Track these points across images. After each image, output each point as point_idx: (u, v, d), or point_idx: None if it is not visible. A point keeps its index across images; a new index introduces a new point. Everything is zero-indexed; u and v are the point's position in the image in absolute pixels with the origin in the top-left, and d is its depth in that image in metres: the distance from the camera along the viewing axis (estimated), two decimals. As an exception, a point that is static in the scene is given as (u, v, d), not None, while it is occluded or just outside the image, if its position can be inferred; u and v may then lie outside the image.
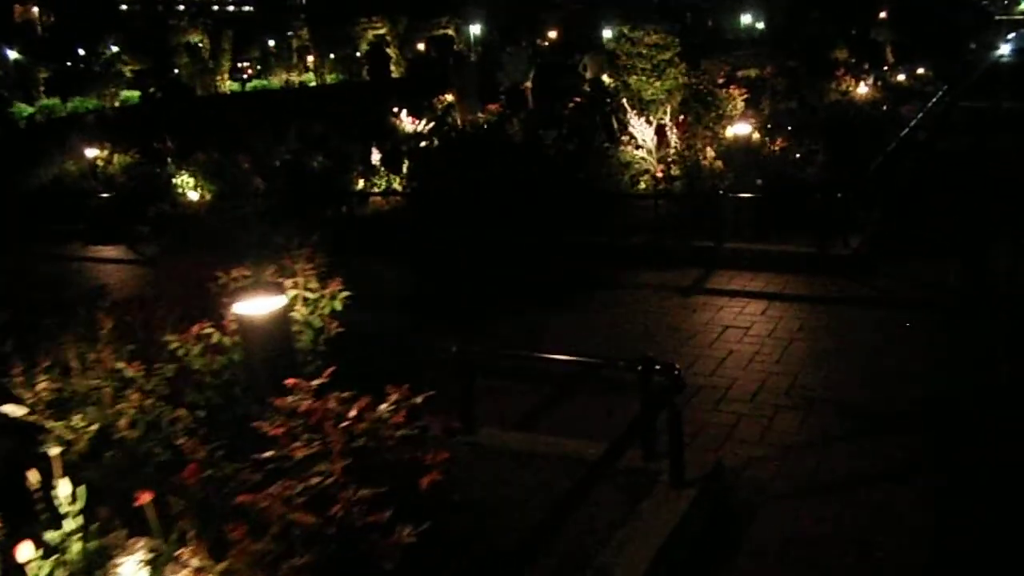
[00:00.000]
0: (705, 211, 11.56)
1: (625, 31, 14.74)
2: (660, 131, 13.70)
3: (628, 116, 13.78)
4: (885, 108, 26.18)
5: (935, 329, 8.28)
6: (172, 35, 43.16)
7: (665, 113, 13.99)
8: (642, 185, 12.94)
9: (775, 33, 62.94)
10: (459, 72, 33.21)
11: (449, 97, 30.80)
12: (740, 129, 12.31)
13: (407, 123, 25.46)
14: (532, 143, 14.15)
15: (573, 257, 11.64)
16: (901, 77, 35.60)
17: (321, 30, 49.38)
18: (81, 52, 46.82)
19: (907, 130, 21.76)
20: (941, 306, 8.97)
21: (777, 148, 12.75)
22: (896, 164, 16.66)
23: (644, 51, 14.41)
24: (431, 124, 25.23)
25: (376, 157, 16.73)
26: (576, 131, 14.32)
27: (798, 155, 13.38)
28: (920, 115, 25.98)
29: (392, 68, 49.65)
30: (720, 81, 20.03)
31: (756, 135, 12.87)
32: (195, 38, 43.07)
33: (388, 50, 49.56)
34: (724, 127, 13.23)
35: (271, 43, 56.25)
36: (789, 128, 16.00)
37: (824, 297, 9.44)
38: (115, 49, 52.30)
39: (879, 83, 29.94)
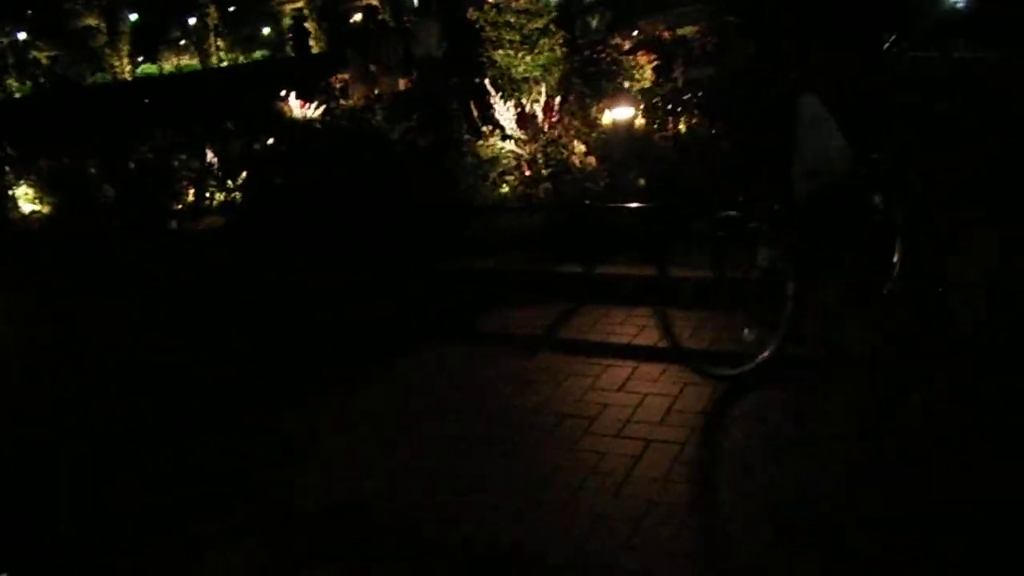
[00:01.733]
0: (573, 225, 8.98)
1: (488, -6, 11.99)
2: (530, 117, 11.06)
3: (492, 99, 11.14)
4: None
5: (875, 410, 5.75)
6: (69, 19, 39.75)
7: (539, 94, 11.30)
8: (504, 188, 10.30)
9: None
10: (381, 45, 30.38)
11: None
12: (620, 113, 9.67)
13: (296, 108, 22.71)
14: (378, 138, 11.45)
15: (407, 292, 9.04)
16: (847, 28, 33.27)
17: (234, 6, 46.02)
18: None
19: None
20: (882, 361, 6.40)
21: (675, 132, 10.14)
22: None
23: (512, 19, 11.67)
24: (322, 108, 22.59)
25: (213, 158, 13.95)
26: (433, 119, 11.63)
27: (712, 133, 10.85)
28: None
29: (312, 44, 46.34)
30: (626, 47, 17.39)
31: (640, 120, 10.20)
32: (92, 21, 39.64)
33: (306, 24, 46.24)
34: (602, 111, 10.58)
35: (192, 21, 52.73)
36: (688, 99, 13.46)
37: (709, 352, 6.87)
38: (22, 36, 48.58)
39: (820, 37, 27.60)
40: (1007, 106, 9.08)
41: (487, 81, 11.34)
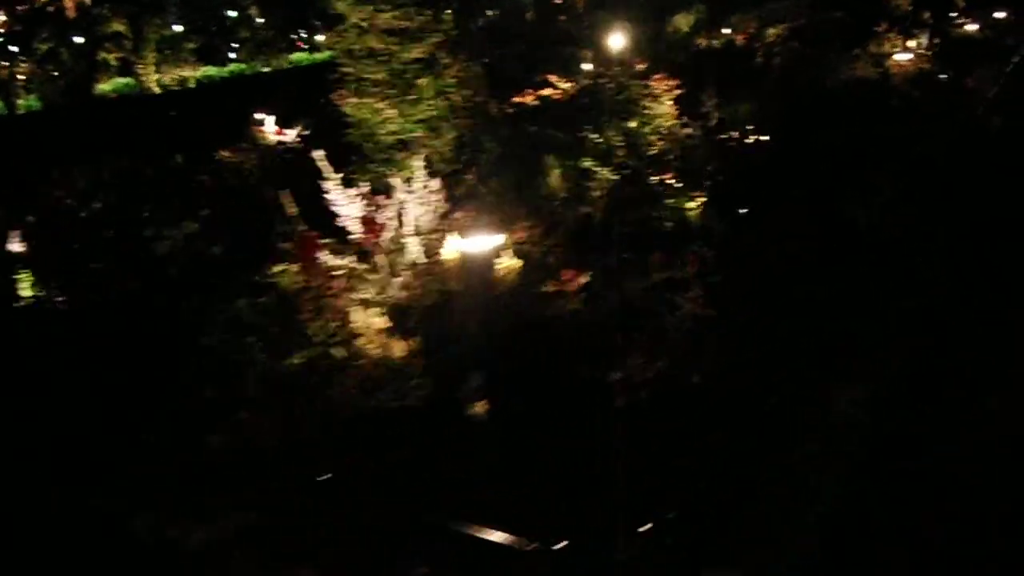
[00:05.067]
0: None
1: (345, 4, 7.26)
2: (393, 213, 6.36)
3: (329, 182, 6.59)
4: (943, 77, 18.14)
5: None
6: (97, 24, 36.48)
7: (412, 172, 6.56)
8: (305, 353, 5.61)
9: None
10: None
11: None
12: (472, 243, 4.91)
13: (273, 134, 18.47)
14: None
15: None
16: (973, 27, 26.92)
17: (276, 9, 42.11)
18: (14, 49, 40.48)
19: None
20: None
21: (577, 287, 5.28)
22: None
23: (377, 43, 6.99)
24: (305, 133, 18.43)
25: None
26: (226, 220, 7.10)
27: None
28: (995, 89, 17.88)
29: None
30: (639, 67, 12.45)
31: (515, 260, 5.32)
32: (119, 27, 36.15)
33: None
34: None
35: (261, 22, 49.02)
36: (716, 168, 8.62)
37: None
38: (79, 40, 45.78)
39: (935, 41, 21.59)
40: None
41: (318, 153, 6.71)
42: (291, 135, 18.01)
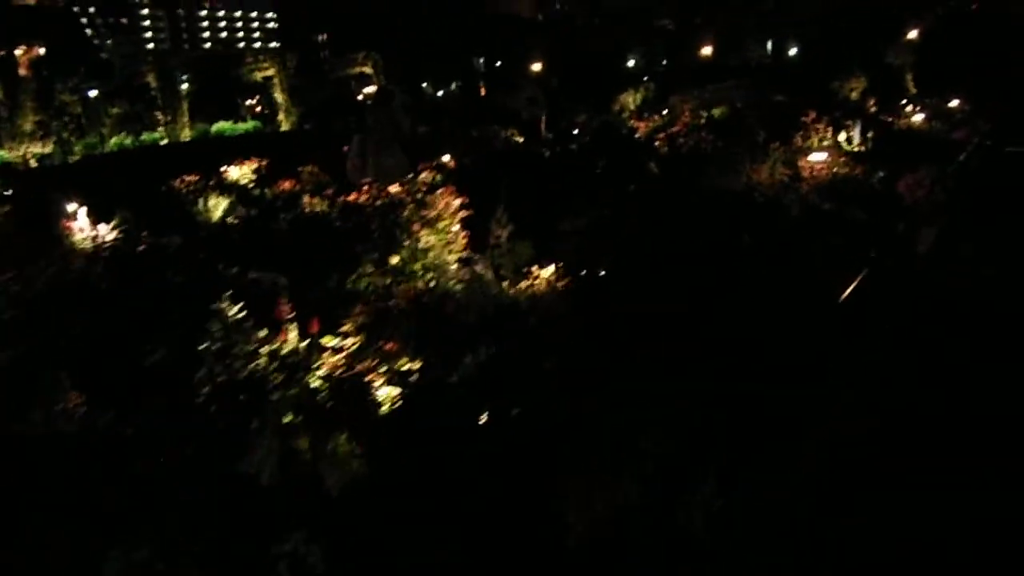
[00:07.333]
0: None
1: None
2: None
3: None
4: (873, 182, 15.10)
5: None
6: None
7: None
8: None
9: (777, 58, 52.36)
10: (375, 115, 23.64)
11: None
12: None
13: (86, 229, 15.06)
14: None
15: None
16: (918, 117, 24.07)
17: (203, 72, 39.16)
18: None
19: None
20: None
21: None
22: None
23: None
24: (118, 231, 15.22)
25: None
26: None
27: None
28: (928, 197, 14.80)
29: (281, 117, 38.93)
30: (427, 176, 9.21)
31: None
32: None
33: (275, 95, 38.92)
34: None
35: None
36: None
37: None
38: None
39: (869, 135, 18.57)
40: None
41: None
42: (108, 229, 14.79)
